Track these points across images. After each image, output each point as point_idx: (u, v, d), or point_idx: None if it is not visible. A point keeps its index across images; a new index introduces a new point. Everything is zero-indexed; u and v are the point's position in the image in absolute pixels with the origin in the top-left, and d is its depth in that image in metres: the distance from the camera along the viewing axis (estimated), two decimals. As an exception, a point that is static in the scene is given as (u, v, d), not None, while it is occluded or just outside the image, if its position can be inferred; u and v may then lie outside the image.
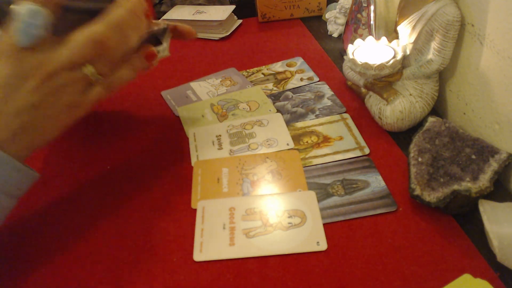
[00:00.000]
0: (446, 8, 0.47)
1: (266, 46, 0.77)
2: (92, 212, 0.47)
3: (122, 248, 0.42)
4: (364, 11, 0.63)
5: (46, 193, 0.49)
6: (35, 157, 0.54)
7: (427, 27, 0.49)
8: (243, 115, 0.59)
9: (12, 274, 0.40)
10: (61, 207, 0.48)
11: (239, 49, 0.77)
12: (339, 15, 0.76)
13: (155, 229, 0.44)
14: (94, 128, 0.58)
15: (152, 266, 0.40)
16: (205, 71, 0.71)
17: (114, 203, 0.47)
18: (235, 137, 0.55)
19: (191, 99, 0.64)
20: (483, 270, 0.37)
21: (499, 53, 0.44)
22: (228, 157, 0.52)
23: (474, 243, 0.39)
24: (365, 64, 0.49)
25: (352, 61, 0.51)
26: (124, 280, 0.39)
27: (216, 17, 0.80)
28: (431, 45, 0.50)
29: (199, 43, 0.80)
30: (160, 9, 0.93)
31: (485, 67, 0.46)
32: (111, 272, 0.40)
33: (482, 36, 0.46)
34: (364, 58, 0.51)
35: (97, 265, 0.41)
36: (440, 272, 0.37)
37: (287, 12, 0.84)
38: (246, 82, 0.67)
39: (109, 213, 0.46)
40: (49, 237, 0.44)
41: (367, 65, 0.49)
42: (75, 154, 0.55)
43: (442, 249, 0.39)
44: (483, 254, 0.38)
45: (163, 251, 0.42)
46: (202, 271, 0.40)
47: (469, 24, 0.48)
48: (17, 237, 0.44)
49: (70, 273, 0.40)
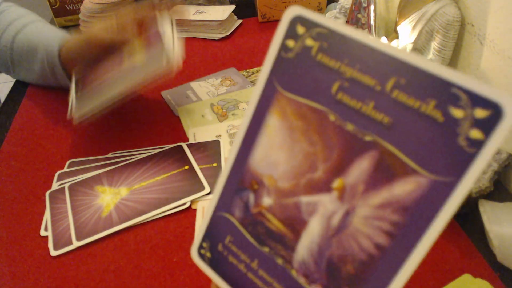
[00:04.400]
0: (446, 8, 0.47)
1: (266, 46, 0.76)
2: (92, 212, 0.47)
3: (122, 248, 0.42)
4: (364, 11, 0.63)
5: (46, 191, 0.49)
6: (35, 157, 0.54)
7: (427, 27, 0.49)
8: (243, 115, 0.59)
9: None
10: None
11: (239, 49, 0.77)
12: (339, 15, 0.76)
13: (155, 229, 0.44)
14: (94, 127, 0.58)
15: (152, 266, 0.40)
16: (205, 71, 0.71)
17: (114, 203, 0.47)
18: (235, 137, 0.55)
19: (191, 99, 0.64)
20: (483, 270, 0.37)
21: (499, 53, 0.44)
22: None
23: (474, 243, 0.39)
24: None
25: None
26: (124, 280, 0.39)
27: (216, 17, 0.80)
28: (431, 45, 0.50)
29: (199, 43, 0.80)
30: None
31: (485, 67, 0.46)
32: (111, 272, 0.40)
33: (482, 36, 0.46)
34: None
35: (97, 265, 0.41)
36: (440, 272, 0.37)
37: (287, 12, 0.84)
38: (246, 82, 0.66)
39: (109, 213, 0.46)
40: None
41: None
42: (76, 153, 0.55)
43: (442, 249, 0.39)
44: (483, 254, 0.38)
45: (163, 251, 0.42)
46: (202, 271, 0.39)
47: (469, 24, 0.48)
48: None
49: (70, 273, 0.40)
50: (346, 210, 0.22)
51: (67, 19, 0.92)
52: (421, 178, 0.19)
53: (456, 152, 0.18)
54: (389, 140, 0.20)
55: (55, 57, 0.58)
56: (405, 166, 0.20)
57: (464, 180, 0.18)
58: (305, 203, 0.23)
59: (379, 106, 0.20)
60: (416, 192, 0.20)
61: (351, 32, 0.21)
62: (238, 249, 0.26)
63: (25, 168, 0.53)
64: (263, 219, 0.25)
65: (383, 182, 0.21)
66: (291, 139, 0.23)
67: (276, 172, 0.24)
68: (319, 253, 0.23)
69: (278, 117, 0.24)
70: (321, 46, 0.22)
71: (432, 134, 0.19)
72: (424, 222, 0.19)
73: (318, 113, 0.22)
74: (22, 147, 0.56)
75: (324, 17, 0.22)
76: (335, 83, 0.22)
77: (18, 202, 0.48)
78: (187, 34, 0.83)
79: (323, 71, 0.22)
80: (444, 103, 0.18)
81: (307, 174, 0.23)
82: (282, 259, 0.24)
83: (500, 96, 0.17)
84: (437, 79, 0.19)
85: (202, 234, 0.28)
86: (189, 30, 0.83)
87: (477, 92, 0.18)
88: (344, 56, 0.21)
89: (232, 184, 0.26)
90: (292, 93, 0.23)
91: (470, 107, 0.18)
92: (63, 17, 0.91)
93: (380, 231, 0.21)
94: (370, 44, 0.21)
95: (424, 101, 0.19)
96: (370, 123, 0.21)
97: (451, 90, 0.18)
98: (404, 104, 0.20)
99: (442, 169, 0.19)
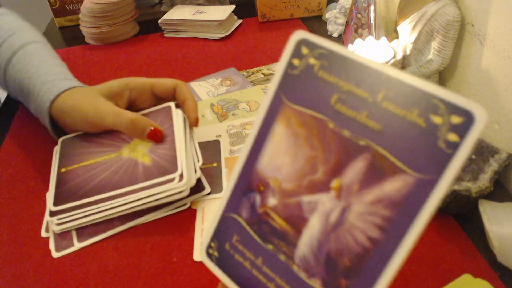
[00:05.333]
0: (446, 8, 0.47)
1: (266, 46, 0.77)
2: (92, 212, 0.46)
3: (122, 248, 0.42)
4: (364, 11, 0.63)
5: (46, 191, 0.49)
6: (35, 157, 0.54)
7: (427, 27, 0.49)
8: (243, 115, 0.59)
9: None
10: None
11: (239, 49, 0.77)
12: (339, 15, 0.76)
13: (155, 229, 0.44)
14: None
15: (152, 266, 0.40)
16: (205, 71, 0.71)
17: (114, 203, 0.47)
18: (235, 137, 0.55)
19: (191, 99, 0.64)
20: (483, 270, 0.37)
21: (499, 53, 0.44)
22: (228, 157, 0.52)
23: (474, 243, 0.39)
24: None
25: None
26: (124, 280, 0.39)
27: (216, 17, 0.80)
28: (431, 45, 0.50)
29: (199, 43, 0.80)
30: (160, 9, 0.93)
31: (485, 67, 0.46)
32: (111, 272, 0.40)
33: (482, 36, 0.46)
34: (364, 58, 0.51)
35: (98, 265, 0.41)
36: (440, 272, 0.37)
37: (287, 12, 0.84)
38: (246, 82, 0.67)
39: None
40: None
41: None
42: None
43: (442, 249, 0.39)
44: (483, 254, 0.38)
45: (163, 251, 0.42)
46: (202, 271, 0.40)
47: (469, 24, 0.48)
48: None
49: (69, 273, 0.40)
50: (343, 207, 0.25)
51: (67, 19, 0.92)
52: (408, 176, 0.22)
53: (436, 153, 0.21)
54: (380, 144, 0.23)
55: (45, 115, 0.50)
56: (394, 166, 0.23)
57: (444, 177, 0.21)
58: (306, 202, 0.26)
59: (371, 115, 0.24)
60: (403, 189, 0.22)
61: (348, 53, 0.25)
62: (244, 247, 0.28)
63: (25, 168, 0.53)
64: (268, 218, 0.28)
65: (375, 181, 0.23)
66: (295, 144, 0.27)
67: (280, 174, 0.27)
68: (318, 248, 0.25)
69: (283, 125, 0.27)
70: (322, 64, 0.26)
71: (416, 138, 0.22)
72: (411, 215, 0.22)
73: (318, 122, 0.26)
74: (22, 147, 0.57)
75: (325, 40, 0.26)
76: (333, 96, 0.25)
77: (18, 202, 0.48)
78: (187, 34, 0.83)
79: (324, 85, 0.26)
80: (426, 111, 0.22)
81: (309, 175, 0.26)
82: (284, 255, 0.26)
83: (472, 105, 0.21)
84: (420, 91, 0.22)
85: (211, 234, 0.30)
86: (189, 30, 0.83)
87: (453, 102, 0.21)
88: (341, 73, 0.25)
89: (240, 187, 0.29)
90: (297, 104, 0.27)
91: (447, 115, 0.21)
92: (63, 17, 0.91)
93: (373, 225, 0.23)
94: (364, 63, 0.25)
95: (409, 110, 0.22)
96: (363, 129, 0.24)
97: (431, 100, 0.22)
98: (393, 113, 0.23)
99: (425, 168, 0.22)
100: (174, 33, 0.84)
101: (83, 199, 0.43)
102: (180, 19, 0.82)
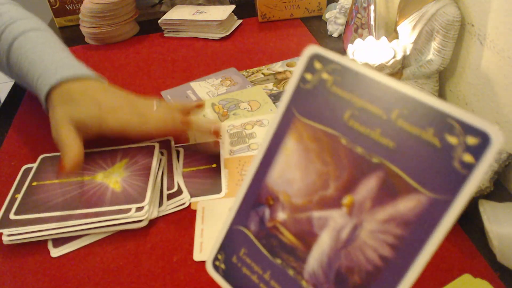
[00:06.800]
0: (446, 8, 0.47)
1: (266, 46, 0.77)
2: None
3: (122, 248, 0.42)
4: (364, 11, 0.63)
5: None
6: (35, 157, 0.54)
7: (427, 27, 0.49)
8: (244, 114, 0.59)
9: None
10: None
11: (239, 49, 0.77)
12: (339, 15, 0.76)
13: (155, 229, 0.44)
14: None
15: (152, 266, 0.40)
16: (205, 71, 0.71)
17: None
18: (235, 137, 0.55)
19: (191, 99, 0.64)
20: (483, 270, 0.37)
21: (499, 53, 0.44)
22: (228, 158, 0.52)
23: (474, 243, 0.39)
24: (365, 64, 0.49)
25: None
26: (124, 280, 0.39)
27: (216, 17, 0.80)
28: (431, 45, 0.50)
29: (199, 43, 0.80)
30: (160, 9, 0.93)
31: (485, 67, 0.46)
32: (111, 272, 0.40)
33: (482, 36, 0.46)
34: (364, 58, 0.51)
35: (97, 265, 0.41)
36: (440, 272, 0.37)
37: (287, 12, 0.84)
38: (246, 82, 0.67)
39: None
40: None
41: (367, 65, 0.49)
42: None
43: (442, 249, 0.39)
44: (483, 254, 0.38)
45: (163, 251, 0.42)
46: (202, 271, 0.40)
47: (469, 24, 0.48)
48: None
49: (69, 273, 0.40)
50: (354, 225, 0.24)
51: (67, 19, 0.92)
52: (421, 196, 0.22)
53: (451, 173, 0.21)
54: (394, 162, 0.23)
55: (42, 102, 0.51)
56: (408, 185, 0.22)
57: (459, 198, 0.21)
58: (317, 217, 0.26)
59: (385, 132, 0.23)
60: (417, 208, 0.22)
61: (361, 69, 0.25)
62: (252, 261, 0.28)
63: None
64: (277, 232, 0.27)
65: (388, 199, 0.23)
66: (306, 159, 0.26)
67: (291, 189, 0.27)
68: (328, 265, 0.25)
69: (295, 140, 0.27)
70: (335, 79, 0.26)
71: (431, 157, 0.22)
72: (424, 235, 0.22)
73: (331, 137, 0.25)
74: (22, 147, 0.57)
75: (338, 55, 0.26)
76: (347, 111, 0.25)
77: (18, 202, 0.48)
78: (187, 34, 0.83)
79: (337, 101, 0.25)
80: (441, 131, 0.21)
81: (320, 191, 0.26)
82: (293, 270, 0.26)
83: (488, 127, 0.20)
84: (435, 110, 0.22)
85: (218, 246, 0.29)
86: (189, 30, 0.83)
87: (469, 123, 0.21)
88: (355, 89, 0.25)
89: (249, 200, 0.28)
90: (309, 119, 0.26)
91: (463, 135, 0.21)
92: (63, 17, 0.91)
93: (384, 243, 0.23)
94: (378, 80, 0.24)
95: (424, 129, 0.22)
96: (377, 147, 0.23)
97: (447, 120, 0.21)
98: (407, 131, 0.23)
99: (440, 188, 0.21)
100: (174, 33, 0.84)
101: (44, 213, 0.43)
102: (180, 19, 0.83)
